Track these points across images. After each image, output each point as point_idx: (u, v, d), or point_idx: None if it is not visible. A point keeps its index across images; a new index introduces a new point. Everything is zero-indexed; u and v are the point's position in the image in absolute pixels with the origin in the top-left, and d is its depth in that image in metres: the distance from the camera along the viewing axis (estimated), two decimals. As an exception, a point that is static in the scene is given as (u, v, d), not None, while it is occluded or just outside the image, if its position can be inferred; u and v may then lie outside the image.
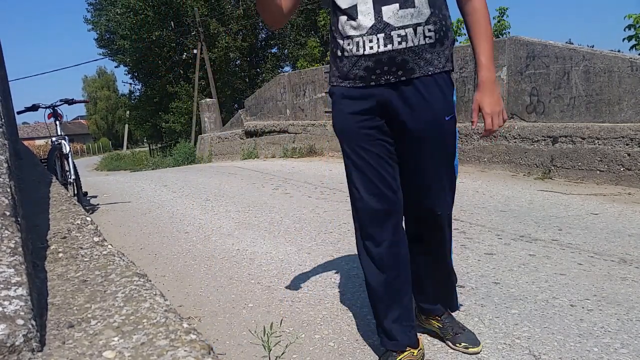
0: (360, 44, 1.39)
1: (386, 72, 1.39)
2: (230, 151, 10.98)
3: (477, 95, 1.49)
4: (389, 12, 1.36)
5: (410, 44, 1.37)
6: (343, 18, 1.42)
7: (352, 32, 1.41)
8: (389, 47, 1.37)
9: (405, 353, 1.53)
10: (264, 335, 1.57)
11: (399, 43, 1.36)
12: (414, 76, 1.40)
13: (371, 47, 1.38)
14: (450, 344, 1.67)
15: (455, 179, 1.57)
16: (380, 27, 1.37)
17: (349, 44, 1.42)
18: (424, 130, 1.44)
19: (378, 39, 1.37)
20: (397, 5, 1.35)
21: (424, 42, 1.38)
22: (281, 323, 1.85)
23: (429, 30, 1.37)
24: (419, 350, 1.56)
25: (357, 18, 1.39)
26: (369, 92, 1.43)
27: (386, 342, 1.56)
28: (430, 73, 1.41)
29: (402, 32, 1.36)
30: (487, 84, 1.46)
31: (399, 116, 1.44)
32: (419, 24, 1.36)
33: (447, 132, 1.48)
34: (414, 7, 1.36)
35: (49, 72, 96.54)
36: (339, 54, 1.46)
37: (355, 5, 1.38)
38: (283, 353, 1.63)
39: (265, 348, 1.55)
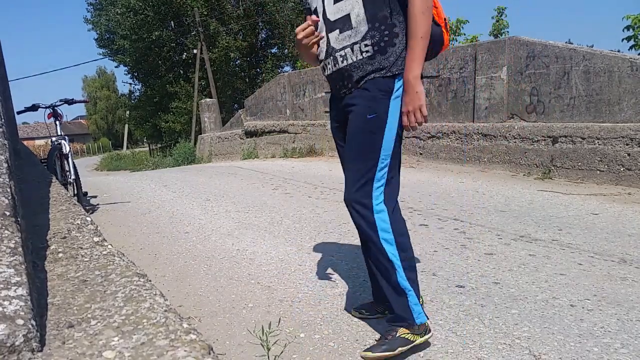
0: (325, 66, 1.68)
1: (340, 86, 1.65)
2: (230, 151, 10.98)
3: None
4: (333, 38, 1.60)
5: (350, 60, 1.58)
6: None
7: (321, 56, 1.68)
8: (336, 67, 1.62)
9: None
10: (263, 335, 1.57)
11: (342, 62, 1.60)
12: (358, 86, 1.59)
13: (328, 70, 1.66)
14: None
15: (374, 174, 1.60)
16: (330, 51, 1.62)
17: (322, 67, 1.71)
18: (350, 127, 1.63)
19: (330, 62, 1.64)
20: (337, 30, 1.58)
21: (361, 57, 1.56)
22: (279, 322, 1.85)
23: (366, 45, 1.55)
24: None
25: (319, 45, 1.67)
26: (336, 100, 1.73)
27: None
28: (371, 78, 1.57)
29: (342, 52, 1.59)
30: (406, 84, 1.53)
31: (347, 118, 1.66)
32: (356, 43, 1.55)
33: (366, 127, 1.59)
34: (352, 28, 1.55)
35: (49, 72, 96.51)
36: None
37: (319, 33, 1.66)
38: (282, 352, 1.64)
39: (264, 347, 1.55)
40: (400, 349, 1.59)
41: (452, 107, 6.00)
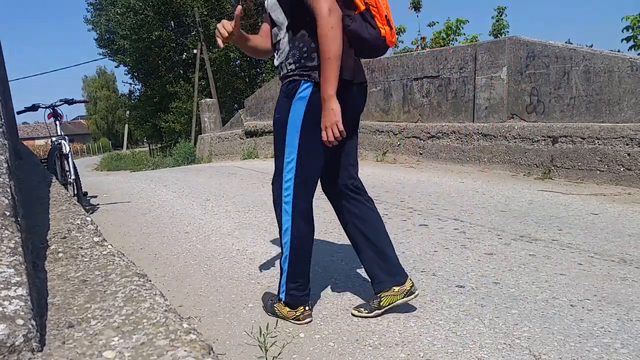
0: None
1: None
2: (230, 151, 10.98)
3: None
4: (275, 57, 1.88)
5: (282, 73, 1.84)
6: None
7: None
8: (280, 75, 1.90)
9: None
10: (260, 336, 1.57)
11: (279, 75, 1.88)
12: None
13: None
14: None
15: (283, 167, 1.85)
16: (274, 69, 1.97)
17: None
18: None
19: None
20: (276, 51, 1.86)
21: (287, 71, 1.80)
22: (277, 324, 1.85)
23: (290, 64, 1.78)
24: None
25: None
26: None
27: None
28: (284, 82, 1.82)
29: (278, 69, 1.87)
30: (322, 102, 1.69)
31: None
32: (282, 62, 1.81)
33: (275, 125, 1.87)
34: (280, 49, 1.82)
35: (49, 72, 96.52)
36: None
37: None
38: (280, 353, 1.63)
39: (261, 349, 1.55)
40: (270, 314, 2.03)
41: (452, 107, 6.00)
